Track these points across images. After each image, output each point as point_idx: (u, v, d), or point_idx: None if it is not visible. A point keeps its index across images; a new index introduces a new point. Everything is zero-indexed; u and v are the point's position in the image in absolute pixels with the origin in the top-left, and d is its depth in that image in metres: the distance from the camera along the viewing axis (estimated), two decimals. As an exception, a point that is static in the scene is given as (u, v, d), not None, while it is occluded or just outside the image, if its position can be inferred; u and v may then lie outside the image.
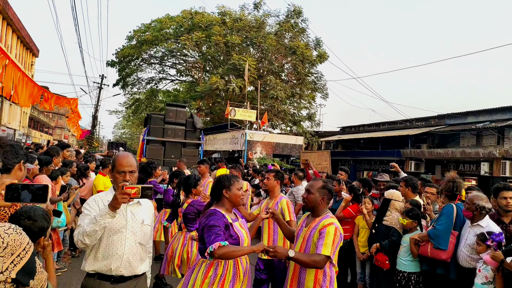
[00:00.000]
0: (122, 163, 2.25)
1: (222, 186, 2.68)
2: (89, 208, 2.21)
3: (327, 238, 2.50)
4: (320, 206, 2.71)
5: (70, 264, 5.68)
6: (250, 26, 24.52)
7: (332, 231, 2.53)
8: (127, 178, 2.22)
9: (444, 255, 3.56)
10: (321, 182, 2.78)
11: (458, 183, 3.81)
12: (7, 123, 26.42)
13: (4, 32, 23.11)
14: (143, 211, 2.39)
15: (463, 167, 17.62)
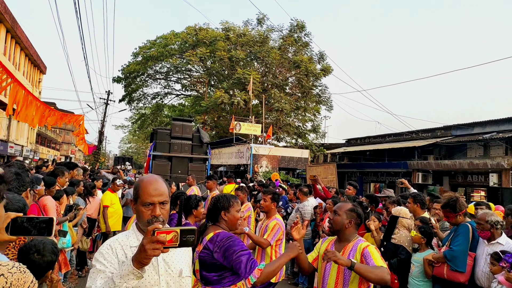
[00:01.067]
0: (149, 190, 1.61)
1: (221, 207, 2.53)
2: (104, 261, 1.53)
3: (373, 256, 2.32)
4: (346, 230, 2.51)
5: (76, 285, 5.65)
6: (254, 41, 24.75)
7: (374, 250, 2.38)
8: (157, 213, 1.60)
9: (462, 278, 3.45)
10: (350, 204, 2.62)
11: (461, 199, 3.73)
12: (15, 139, 26.69)
13: (13, 50, 23.52)
14: (180, 257, 1.75)
15: (471, 178, 17.43)
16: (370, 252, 2.36)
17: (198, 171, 11.93)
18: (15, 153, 26.09)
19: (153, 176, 1.72)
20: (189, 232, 1.38)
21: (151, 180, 1.68)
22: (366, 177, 23.55)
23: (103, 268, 1.50)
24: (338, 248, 2.52)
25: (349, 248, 2.46)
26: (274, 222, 3.92)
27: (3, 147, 23.46)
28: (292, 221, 6.49)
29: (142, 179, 1.71)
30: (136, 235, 1.65)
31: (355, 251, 2.42)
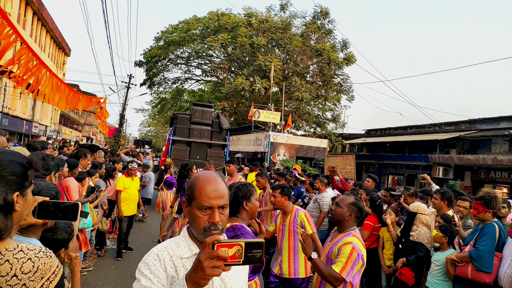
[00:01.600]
0: (208, 192, 1.35)
1: (243, 196, 2.44)
2: (150, 275, 1.30)
3: (342, 257, 2.44)
4: (346, 222, 2.64)
5: (96, 264, 5.80)
6: (276, 28, 24.43)
7: (348, 251, 2.43)
8: (216, 219, 1.33)
9: (488, 279, 3.35)
10: (353, 198, 2.71)
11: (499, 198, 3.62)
12: (39, 119, 27.40)
13: (39, 32, 23.95)
14: (238, 274, 1.48)
15: (494, 174, 16.99)
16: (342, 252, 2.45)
17: (216, 157, 11.91)
18: (39, 133, 26.81)
19: (211, 174, 1.44)
20: (255, 246, 1.11)
21: (209, 179, 1.40)
22: (385, 169, 23.25)
23: (149, 284, 1.28)
24: (333, 236, 2.70)
25: (337, 238, 2.60)
26: (302, 213, 3.58)
27: (28, 126, 24.11)
28: (312, 211, 6.48)
29: (198, 177, 1.43)
30: (188, 243, 1.39)
31: (339, 241, 2.55)
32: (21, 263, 1.12)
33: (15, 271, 1.11)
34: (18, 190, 1.18)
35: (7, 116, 20.24)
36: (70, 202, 1.45)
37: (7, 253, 1.12)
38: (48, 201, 1.41)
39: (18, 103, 22.58)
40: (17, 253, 1.13)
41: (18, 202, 1.18)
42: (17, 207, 1.17)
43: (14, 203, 1.16)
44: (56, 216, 1.44)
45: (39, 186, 1.77)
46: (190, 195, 1.39)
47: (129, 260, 6.26)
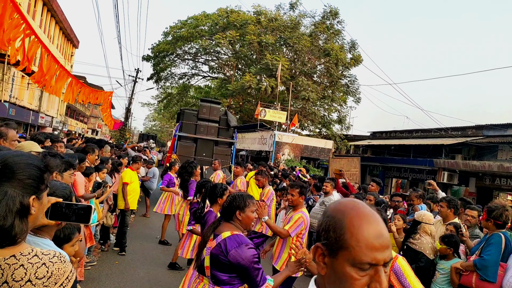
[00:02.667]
0: (369, 238, 0.89)
1: (236, 206, 2.47)
2: None
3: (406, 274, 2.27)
4: None
5: (99, 258, 5.83)
6: (285, 26, 24.34)
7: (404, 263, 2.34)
8: (383, 285, 0.89)
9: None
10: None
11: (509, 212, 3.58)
12: (46, 110, 27.53)
13: (48, 23, 24.03)
14: None
15: (500, 181, 16.85)
16: (402, 268, 2.27)
17: (223, 155, 11.70)
18: (45, 124, 26.94)
19: (366, 208, 0.96)
20: None
21: (367, 216, 0.93)
22: (389, 172, 23.14)
23: None
24: None
25: None
26: (299, 215, 3.89)
27: (35, 117, 24.23)
28: (315, 213, 6.46)
29: (345, 211, 0.94)
30: None
31: None
32: (35, 268, 1.11)
33: (30, 276, 1.10)
34: (35, 193, 1.17)
35: (14, 106, 20.35)
36: (83, 204, 1.45)
37: (22, 257, 1.12)
38: (61, 202, 1.40)
39: (25, 93, 22.70)
40: (31, 258, 1.13)
41: (34, 206, 1.17)
42: (33, 210, 1.17)
43: (30, 206, 1.16)
44: (69, 218, 1.43)
45: (53, 187, 1.77)
46: (336, 240, 0.92)
47: (132, 256, 6.28)
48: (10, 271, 1.09)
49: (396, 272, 2.24)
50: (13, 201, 1.11)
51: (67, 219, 1.44)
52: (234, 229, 2.42)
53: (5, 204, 1.09)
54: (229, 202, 2.51)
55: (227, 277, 2.28)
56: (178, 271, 5.80)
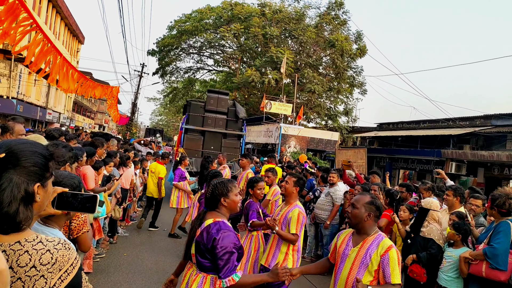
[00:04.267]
0: None
1: (220, 194, 2.49)
2: None
3: (392, 265, 2.29)
4: (366, 223, 2.46)
5: (108, 250, 5.89)
6: (290, 18, 24.17)
7: (395, 256, 2.32)
8: None
9: (503, 276, 3.32)
10: (369, 197, 2.54)
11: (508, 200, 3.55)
12: (53, 106, 27.73)
13: (53, 19, 24.11)
14: None
15: (509, 171, 16.68)
16: (391, 259, 2.30)
17: (232, 148, 11.35)
18: (53, 120, 27.17)
19: None
20: None
21: None
22: (396, 163, 23.02)
23: None
24: (356, 241, 2.48)
25: (368, 242, 2.42)
26: (297, 211, 3.50)
27: (42, 113, 24.43)
28: (321, 205, 6.46)
29: None
30: None
31: (376, 246, 2.37)
32: (40, 255, 1.13)
33: (34, 262, 1.11)
34: (39, 181, 1.18)
35: (22, 102, 20.52)
36: (89, 194, 1.46)
37: (27, 244, 1.13)
38: (67, 192, 1.42)
39: (32, 89, 22.87)
40: (36, 244, 1.14)
41: (38, 193, 1.18)
42: (37, 198, 1.18)
43: (35, 194, 1.17)
44: (75, 208, 1.45)
45: (60, 176, 1.78)
46: None
47: (140, 248, 6.34)
48: (15, 257, 1.10)
49: (384, 260, 2.31)
50: (18, 188, 1.12)
51: (73, 208, 1.46)
52: (217, 216, 2.45)
53: (10, 190, 1.10)
54: (212, 191, 2.51)
55: (210, 263, 2.32)
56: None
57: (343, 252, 2.53)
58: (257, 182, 4.14)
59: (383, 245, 2.36)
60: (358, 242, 2.47)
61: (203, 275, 2.35)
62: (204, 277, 2.34)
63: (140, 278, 4.97)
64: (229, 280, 2.21)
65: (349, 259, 2.45)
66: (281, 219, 3.57)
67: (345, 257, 2.48)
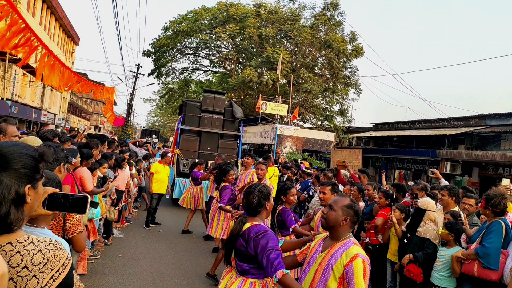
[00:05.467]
0: None
1: (265, 198, 2.59)
2: None
3: (356, 276, 2.09)
4: (340, 228, 2.28)
5: (102, 252, 5.88)
6: (285, 19, 24.22)
7: (360, 266, 2.10)
8: None
9: (495, 276, 3.34)
10: (348, 200, 2.38)
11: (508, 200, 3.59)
12: (48, 107, 27.61)
13: (48, 21, 24.01)
14: None
15: (503, 170, 16.82)
16: (355, 269, 2.10)
17: (228, 149, 11.16)
18: (48, 121, 27.04)
19: None
20: None
21: None
22: (391, 163, 23.13)
23: None
24: (325, 246, 2.31)
25: (335, 248, 2.23)
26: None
27: (37, 114, 24.31)
28: (315, 205, 6.48)
29: None
30: None
31: (340, 255, 2.17)
32: (31, 255, 1.14)
33: (26, 262, 1.12)
34: (30, 182, 1.19)
35: (17, 103, 20.41)
36: (79, 194, 1.47)
37: (18, 244, 1.14)
38: (58, 192, 1.43)
39: (27, 91, 22.76)
40: (27, 245, 1.15)
41: (29, 195, 1.19)
42: (28, 199, 1.19)
43: (26, 195, 1.18)
44: (66, 208, 1.46)
45: (47, 177, 1.78)
46: None
47: (135, 249, 6.34)
48: (6, 258, 1.11)
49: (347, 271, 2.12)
50: (8, 190, 1.13)
51: (64, 209, 1.47)
52: (254, 220, 2.53)
53: (0, 192, 1.11)
54: (258, 197, 2.57)
55: (248, 267, 2.41)
56: (180, 265, 5.86)
57: (311, 256, 2.38)
58: (290, 189, 4.41)
59: (347, 254, 2.16)
60: (326, 248, 2.31)
61: (242, 278, 2.42)
62: (243, 281, 2.41)
63: (135, 279, 4.97)
64: (279, 273, 2.19)
65: (315, 264, 2.30)
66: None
67: (312, 261, 2.34)
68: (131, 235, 7.27)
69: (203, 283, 5.18)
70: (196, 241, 7.39)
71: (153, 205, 8.20)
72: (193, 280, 5.23)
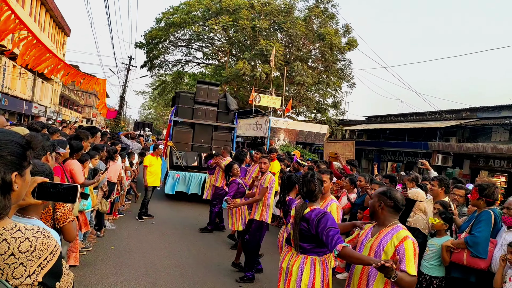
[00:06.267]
0: None
1: (322, 185, 2.95)
2: None
3: (408, 255, 2.27)
4: (380, 213, 2.48)
5: (95, 244, 5.87)
6: (279, 11, 24.09)
7: (410, 246, 2.29)
8: None
9: (483, 264, 3.41)
10: (384, 188, 2.66)
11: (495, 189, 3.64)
12: (39, 100, 27.29)
13: (38, 11, 23.64)
14: None
15: (493, 163, 17.01)
16: (406, 249, 2.28)
17: (222, 141, 10.98)
18: (39, 114, 26.75)
19: None
20: None
21: None
22: (384, 155, 23.27)
23: None
24: (374, 231, 2.53)
25: (383, 233, 2.42)
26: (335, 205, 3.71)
27: (28, 107, 24.04)
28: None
29: None
30: None
31: (391, 237, 2.36)
32: (18, 242, 1.13)
33: (13, 250, 1.11)
34: (17, 170, 1.18)
35: (7, 96, 20.16)
36: (69, 184, 1.45)
37: (5, 232, 1.13)
38: (47, 182, 1.41)
39: (17, 83, 22.46)
40: (14, 232, 1.14)
41: (16, 182, 1.18)
42: (15, 187, 1.17)
43: (13, 183, 1.16)
44: (56, 198, 1.44)
45: (36, 166, 1.77)
46: None
47: (128, 241, 6.33)
48: None
49: (399, 251, 2.28)
50: None
51: (53, 198, 1.45)
52: (312, 204, 2.87)
53: None
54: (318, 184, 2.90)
55: (310, 246, 2.79)
56: (173, 256, 5.87)
57: (361, 242, 2.59)
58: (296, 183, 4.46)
59: (398, 236, 2.35)
60: (374, 233, 2.51)
61: (303, 256, 2.82)
62: (304, 258, 2.81)
63: (127, 271, 4.97)
64: (339, 247, 2.41)
65: (365, 249, 2.50)
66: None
67: (362, 247, 2.54)
68: (124, 227, 7.26)
69: (196, 274, 5.20)
70: (189, 233, 7.39)
71: (148, 198, 8.20)
72: (186, 271, 5.25)
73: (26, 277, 1.13)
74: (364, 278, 2.42)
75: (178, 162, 10.16)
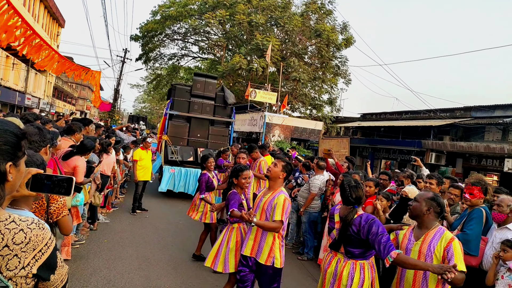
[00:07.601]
0: None
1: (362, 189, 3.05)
2: None
3: (457, 254, 2.51)
4: (425, 217, 2.69)
5: (88, 237, 5.84)
6: (276, 6, 23.99)
7: (458, 246, 2.54)
8: None
9: (474, 261, 3.44)
10: (431, 194, 2.78)
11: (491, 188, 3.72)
12: (32, 91, 27.00)
13: (32, 1, 23.33)
14: None
15: (486, 162, 17.16)
16: (455, 250, 2.51)
17: (219, 136, 10.83)
18: (32, 105, 26.47)
19: None
20: None
21: None
22: (378, 153, 23.38)
23: None
24: (418, 235, 2.71)
25: (431, 236, 2.63)
26: (283, 197, 3.25)
27: (21, 98, 23.78)
28: (304, 192, 6.53)
29: None
30: None
31: (439, 239, 2.58)
32: (13, 234, 1.11)
33: (7, 241, 1.10)
34: (11, 160, 1.16)
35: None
36: (64, 176, 1.43)
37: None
38: (41, 173, 1.39)
39: (10, 73, 22.19)
40: (9, 224, 1.12)
41: (11, 172, 1.16)
42: (9, 177, 1.15)
43: (7, 173, 1.14)
44: (50, 190, 1.42)
45: (30, 156, 1.74)
46: None
47: (121, 235, 6.31)
48: None
49: (448, 250, 2.53)
50: None
51: (48, 190, 1.43)
52: (360, 210, 2.97)
53: None
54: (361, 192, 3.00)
55: (358, 252, 2.85)
56: (167, 250, 5.86)
57: (406, 247, 2.75)
58: (242, 171, 3.80)
59: (445, 238, 2.58)
60: (419, 236, 2.69)
61: (352, 261, 2.86)
62: (353, 263, 2.85)
63: (120, 264, 4.95)
64: (393, 253, 2.50)
65: (413, 253, 2.67)
66: (265, 205, 3.30)
67: (409, 251, 2.71)
68: (117, 220, 7.23)
69: (189, 268, 5.20)
70: (182, 227, 7.38)
71: (138, 192, 8.09)
72: (179, 265, 5.24)
73: (20, 269, 1.11)
74: (418, 280, 2.61)
75: (173, 157, 10.02)
